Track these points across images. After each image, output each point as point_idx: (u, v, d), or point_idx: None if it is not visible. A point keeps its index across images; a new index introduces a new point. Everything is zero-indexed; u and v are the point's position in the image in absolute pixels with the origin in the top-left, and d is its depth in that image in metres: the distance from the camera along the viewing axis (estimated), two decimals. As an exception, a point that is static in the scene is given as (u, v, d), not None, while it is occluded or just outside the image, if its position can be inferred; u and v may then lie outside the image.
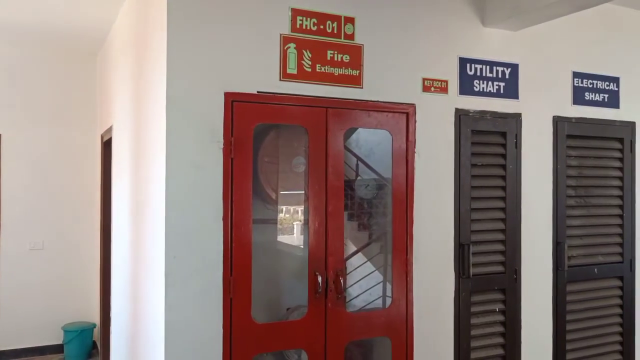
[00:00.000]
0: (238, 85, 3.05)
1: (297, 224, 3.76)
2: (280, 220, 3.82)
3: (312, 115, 3.24)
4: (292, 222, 3.92)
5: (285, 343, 3.23)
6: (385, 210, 4.03)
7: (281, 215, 3.83)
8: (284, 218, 3.84)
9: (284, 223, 3.82)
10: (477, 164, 3.79)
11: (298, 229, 3.93)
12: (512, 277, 3.88)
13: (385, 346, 3.52)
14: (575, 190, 4.20)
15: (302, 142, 3.45)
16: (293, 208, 3.88)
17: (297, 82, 3.20)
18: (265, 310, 3.70)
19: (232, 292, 2.99)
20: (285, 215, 3.86)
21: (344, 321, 3.30)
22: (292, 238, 3.97)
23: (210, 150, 2.97)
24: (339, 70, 3.32)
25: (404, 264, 3.51)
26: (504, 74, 3.89)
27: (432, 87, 3.62)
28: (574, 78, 4.19)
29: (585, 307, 4.23)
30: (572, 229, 4.18)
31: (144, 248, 3.53)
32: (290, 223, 3.81)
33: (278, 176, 3.60)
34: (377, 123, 3.45)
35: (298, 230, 3.93)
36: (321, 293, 3.24)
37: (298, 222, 3.90)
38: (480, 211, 3.81)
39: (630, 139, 4.42)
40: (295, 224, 3.79)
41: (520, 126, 3.93)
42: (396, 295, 3.49)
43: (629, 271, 4.42)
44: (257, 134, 3.27)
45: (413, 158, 3.55)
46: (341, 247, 3.34)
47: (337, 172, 3.31)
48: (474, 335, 3.75)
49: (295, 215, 3.83)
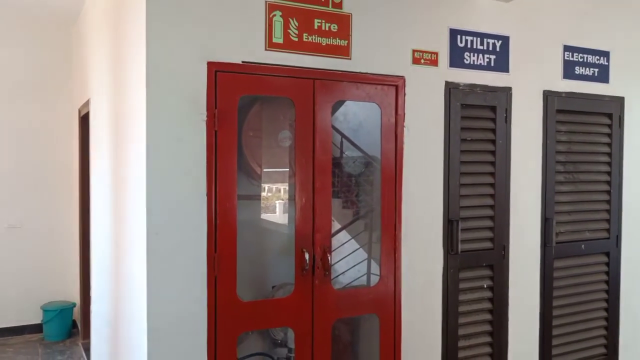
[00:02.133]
0: (222, 55, 2.92)
1: (280, 202, 3.67)
2: (264, 198, 3.73)
3: (299, 86, 3.12)
4: (275, 200, 3.83)
5: (272, 321, 3.16)
6: (371, 187, 3.96)
7: (264, 194, 3.74)
8: (266, 196, 3.74)
9: (267, 201, 3.73)
10: (467, 138, 3.71)
11: (281, 208, 3.85)
12: (500, 253, 3.85)
13: (373, 323, 3.47)
14: (564, 166, 4.16)
15: (288, 115, 3.34)
16: (276, 186, 3.79)
17: (283, 52, 3.07)
18: (250, 288, 3.62)
19: (217, 269, 2.90)
20: (268, 193, 3.77)
21: (331, 299, 3.24)
22: (274, 216, 3.89)
23: (193, 123, 2.85)
24: (326, 40, 3.20)
25: (392, 241, 3.45)
26: (494, 47, 3.79)
27: (422, 59, 3.52)
28: (565, 52, 4.12)
29: (572, 283, 4.22)
30: (561, 205, 4.14)
31: (124, 225, 3.41)
32: (273, 201, 3.72)
33: (263, 150, 3.50)
34: (365, 96, 3.34)
35: (281, 208, 3.85)
36: (308, 270, 3.16)
37: (281, 201, 3.81)
38: (469, 187, 3.75)
39: (619, 115, 4.38)
40: (277, 202, 3.70)
41: (510, 100, 3.86)
42: (384, 272, 3.43)
43: (615, 247, 4.42)
44: (242, 106, 3.15)
45: (402, 132, 3.45)
46: (328, 223, 3.25)
47: (325, 147, 3.20)
48: (462, 312, 3.72)
49: (278, 194, 3.74)
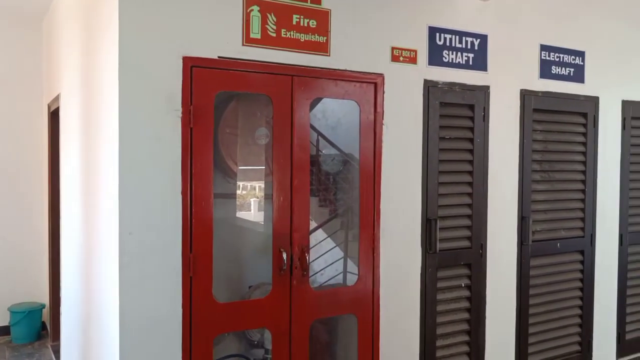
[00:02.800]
0: (198, 50, 2.84)
1: (255, 200, 3.61)
2: (239, 196, 3.66)
3: (277, 83, 3.06)
4: (250, 198, 3.77)
5: (249, 322, 3.10)
6: (348, 185, 3.92)
7: (239, 192, 3.67)
8: (242, 194, 3.67)
9: (242, 199, 3.66)
10: (445, 137, 3.70)
11: (256, 205, 3.79)
12: (478, 252, 3.85)
13: (351, 323, 3.44)
14: (540, 165, 4.18)
15: (265, 112, 3.28)
16: (251, 184, 3.73)
17: (261, 47, 3.01)
18: (227, 288, 3.56)
19: (192, 270, 2.83)
20: (243, 191, 3.70)
21: (309, 299, 3.19)
22: (249, 214, 3.83)
23: (168, 120, 2.76)
24: (305, 36, 3.14)
25: (371, 240, 3.41)
26: (473, 45, 3.79)
27: (401, 57, 3.49)
28: (542, 51, 4.14)
29: (548, 282, 4.25)
30: (537, 203, 4.16)
31: (96, 224, 3.30)
32: (248, 199, 3.65)
33: (240, 148, 3.43)
34: (344, 93, 3.30)
35: (256, 206, 3.79)
36: (286, 270, 3.10)
37: (256, 199, 3.75)
38: (448, 185, 3.74)
39: (593, 114, 4.42)
40: (252, 200, 3.63)
41: (488, 99, 3.86)
42: (362, 272, 3.39)
43: (590, 245, 4.46)
44: (218, 103, 3.08)
45: (381, 130, 3.42)
46: (306, 222, 3.20)
47: (303, 145, 3.15)
48: (440, 311, 3.71)
49: (253, 191, 3.68)
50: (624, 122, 4.64)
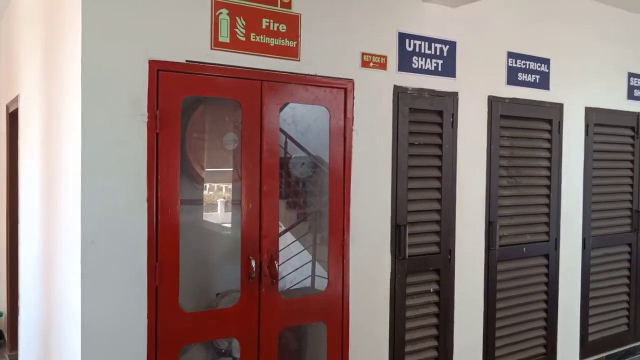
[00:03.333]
0: (164, 53, 2.76)
1: (221, 200, 3.55)
2: (205, 196, 3.59)
3: (246, 88, 3.01)
4: (216, 198, 3.71)
5: (217, 332, 3.03)
6: (318, 189, 3.90)
7: (205, 192, 3.60)
8: (207, 195, 3.61)
9: (207, 200, 3.59)
10: (415, 143, 3.71)
11: (222, 207, 3.73)
12: (446, 257, 3.86)
13: (320, 330, 3.40)
14: (507, 171, 4.23)
15: (234, 117, 3.22)
16: (217, 185, 3.67)
17: (229, 51, 2.95)
18: (193, 296, 3.48)
19: (158, 279, 2.75)
20: (209, 192, 3.64)
21: (278, 307, 3.14)
22: (216, 215, 3.76)
23: (133, 124, 2.68)
24: (275, 40, 3.10)
25: (341, 246, 3.39)
26: (442, 52, 3.80)
27: (371, 63, 3.48)
28: (509, 58, 4.19)
29: (514, 285, 4.31)
30: (503, 208, 4.21)
31: (57, 231, 3.18)
32: (215, 200, 3.59)
33: (208, 154, 3.36)
34: (314, 98, 3.27)
35: (222, 207, 3.73)
36: (255, 278, 3.05)
37: (222, 199, 3.70)
38: (417, 191, 3.74)
39: (558, 120, 4.50)
40: (219, 200, 3.57)
41: (456, 105, 3.88)
42: (332, 278, 3.37)
43: (554, 249, 4.54)
44: (186, 107, 3.01)
45: (351, 136, 3.40)
46: (276, 229, 3.15)
47: (273, 150, 3.10)
48: (409, 316, 3.71)
49: (219, 192, 3.62)
50: (587, 128, 4.74)
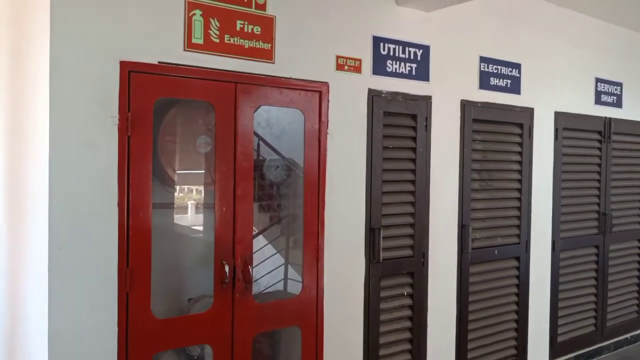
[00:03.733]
0: (136, 54, 2.70)
1: (192, 203, 3.49)
2: (176, 198, 3.53)
3: (220, 90, 2.96)
4: (187, 201, 3.65)
5: (190, 338, 2.97)
6: (291, 192, 3.88)
7: (176, 194, 3.54)
8: (178, 197, 3.55)
9: (177, 202, 3.53)
10: (389, 146, 3.71)
11: (193, 209, 3.68)
12: (420, 260, 3.88)
13: (295, 335, 3.37)
14: (479, 174, 4.28)
15: (208, 120, 3.17)
16: (188, 187, 3.61)
17: (203, 53, 2.91)
18: (165, 303, 3.41)
19: (129, 285, 2.68)
20: (179, 194, 3.58)
21: (252, 312, 3.10)
22: (186, 217, 3.71)
23: (104, 127, 2.62)
24: (249, 42, 3.06)
25: (315, 250, 3.36)
26: (416, 56, 3.82)
27: (345, 66, 3.47)
28: (481, 63, 4.24)
29: (486, 288, 4.35)
30: (476, 211, 4.25)
31: (23, 238, 3.08)
32: (184, 202, 3.53)
33: (180, 157, 3.30)
34: (289, 101, 3.24)
35: (193, 209, 3.68)
36: (228, 283, 3.01)
37: (193, 202, 3.64)
38: (391, 195, 3.75)
39: (529, 125, 4.57)
40: (189, 203, 3.52)
41: (430, 109, 3.90)
42: (307, 283, 3.34)
43: (525, 252, 4.60)
44: (158, 109, 2.95)
45: (325, 139, 3.38)
46: (250, 233, 3.12)
47: (247, 153, 3.07)
48: (383, 320, 3.71)
49: (189, 195, 3.56)
50: (556, 132, 4.83)
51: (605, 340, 5.43)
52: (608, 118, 5.30)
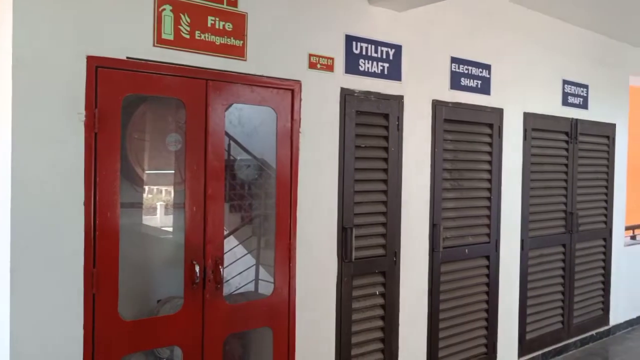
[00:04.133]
0: (104, 49, 2.63)
1: (161, 204, 3.42)
2: (145, 199, 3.46)
3: (191, 87, 2.91)
4: (156, 202, 3.58)
5: (158, 340, 2.91)
6: (262, 192, 3.84)
7: (145, 195, 3.47)
8: (147, 198, 3.48)
9: (147, 203, 3.46)
10: (361, 145, 3.71)
11: (162, 210, 3.61)
12: (392, 259, 3.88)
13: (267, 336, 3.34)
14: (450, 174, 4.30)
15: (178, 117, 3.11)
16: (157, 188, 3.54)
17: (173, 49, 2.85)
18: (133, 304, 3.34)
19: (96, 286, 2.61)
20: (148, 195, 3.51)
21: (223, 313, 3.05)
22: (155, 218, 3.64)
23: (70, 124, 2.54)
24: (220, 39, 3.01)
25: (287, 250, 3.33)
26: (388, 55, 3.82)
27: (318, 64, 3.45)
28: (452, 63, 4.26)
29: (457, 287, 4.38)
30: (447, 211, 4.28)
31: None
32: (154, 203, 3.46)
33: (149, 155, 3.23)
34: (261, 99, 3.20)
35: (162, 210, 3.61)
36: (198, 284, 2.95)
37: (162, 203, 3.58)
38: (363, 194, 3.74)
39: (499, 125, 4.62)
40: (158, 204, 3.45)
41: (402, 109, 3.91)
42: (278, 283, 3.31)
43: (495, 251, 4.65)
44: (127, 106, 2.88)
45: (298, 138, 3.36)
46: (221, 233, 3.07)
47: (218, 152, 3.02)
48: (355, 319, 3.70)
49: (159, 195, 3.49)
50: (525, 133, 4.90)
51: (572, 337, 5.54)
52: (575, 119, 5.41)
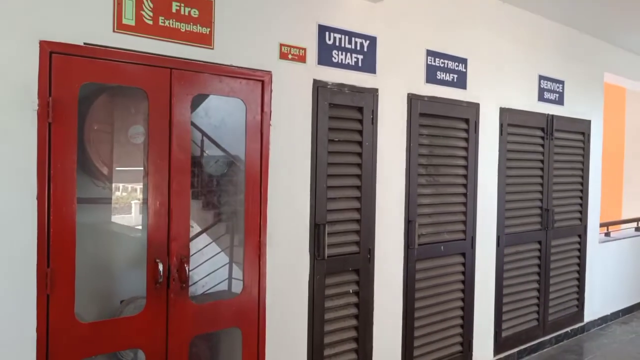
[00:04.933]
0: (59, 34, 2.47)
1: (136, 202, 3.27)
2: (117, 199, 3.30)
3: (154, 76, 2.76)
4: (130, 200, 3.42)
5: (119, 343, 2.76)
6: (234, 188, 3.70)
7: (118, 194, 3.31)
8: (120, 196, 3.32)
9: (120, 202, 3.30)
10: (334, 139, 3.59)
11: (137, 208, 3.45)
12: (366, 257, 3.78)
13: (235, 336, 3.20)
14: (426, 169, 4.22)
15: (142, 108, 2.95)
16: (131, 186, 3.38)
17: (135, 35, 2.70)
18: (96, 305, 3.18)
19: (50, 287, 2.45)
20: (122, 193, 3.35)
21: (188, 314, 2.91)
22: (129, 218, 3.48)
23: (21, 113, 2.38)
24: (186, 26, 2.87)
25: (257, 247, 3.21)
26: (362, 47, 3.71)
27: (289, 55, 3.33)
28: (428, 56, 4.17)
29: (433, 284, 4.30)
30: (422, 207, 4.19)
31: None
32: (128, 202, 3.31)
33: (112, 148, 3.07)
34: (229, 90, 3.06)
35: (137, 209, 3.45)
36: (162, 283, 2.81)
37: (137, 201, 3.42)
38: (337, 189, 3.63)
39: (475, 120, 4.55)
40: (133, 202, 3.29)
41: (377, 102, 3.81)
42: (248, 282, 3.18)
43: (471, 248, 4.58)
44: (86, 96, 2.73)
45: (268, 131, 3.23)
46: (186, 230, 2.93)
47: (183, 144, 2.87)
48: (328, 319, 3.59)
49: (133, 194, 3.33)
50: (501, 128, 4.84)
51: (547, 334, 5.51)
52: (550, 115, 5.37)
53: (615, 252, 6.62)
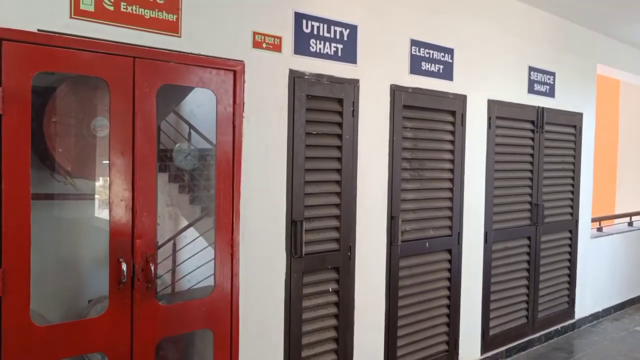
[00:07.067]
0: (9, 20, 2.33)
1: (99, 198, 3.13)
2: (79, 194, 3.15)
3: (115, 65, 2.60)
4: (94, 195, 3.28)
5: (80, 347, 2.61)
6: (206, 182, 3.56)
7: (81, 189, 3.16)
8: (83, 191, 3.17)
9: (83, 197, 3.16)
10: (312, 132, 3.45)
11: (101, 205, 3.31)
12: (346, 254, 3.65)
13: (207, 339, 3.07)
14: (410, 163, 4.08)
15: (105, 100, 2.80)
16: (94, 181, 3.23)
17: (94, 22, 2.55)
18: (61, 306, 3.05)
19: (2, 289, 2.31)
20: (86, 188, 3.20)
21: (155, 315, 2.77)
22: (94, 214, 3.34)
23: (-33, 104, 2.23)
24: (150, 12, 2.72)
25: (229, 245, 3.06)
26: (342, 36, 3.57)
27: (263, 43, 3.18)
28: (412, 46, 4.03)
29: (417, 282, 4.17)
30: (406, 202, 4.06)
31: None
32: (92, 197, 3.16)
33: (74, 141, 2.92)
34: (198, 80, 2.91)
35: (101, 205, 3.31)
36: (126, 283, 2.67)
37: (100, 197, 3.28)
38: (315, 184, 3.49)
39: (462, 112, 4.41)
40: (97, 198, 3.15)
41: (357, 93, 3.66)
42: (219, 281, 3.03)
43: (457, 244, 4.46)
44: (45, 86, 2.58)
45: (241, 124, 3.08)
46: (152, 227, 2.78)
47: (148, 137, 2.72)
48: (306, 319, 3.46)
49: (97, 189, 3.19)
50: (489, 121, 4.70)
51: (536, 332, 5.39)
52: (541, 107, 5.24)
53: (608, 248, 6.51)
